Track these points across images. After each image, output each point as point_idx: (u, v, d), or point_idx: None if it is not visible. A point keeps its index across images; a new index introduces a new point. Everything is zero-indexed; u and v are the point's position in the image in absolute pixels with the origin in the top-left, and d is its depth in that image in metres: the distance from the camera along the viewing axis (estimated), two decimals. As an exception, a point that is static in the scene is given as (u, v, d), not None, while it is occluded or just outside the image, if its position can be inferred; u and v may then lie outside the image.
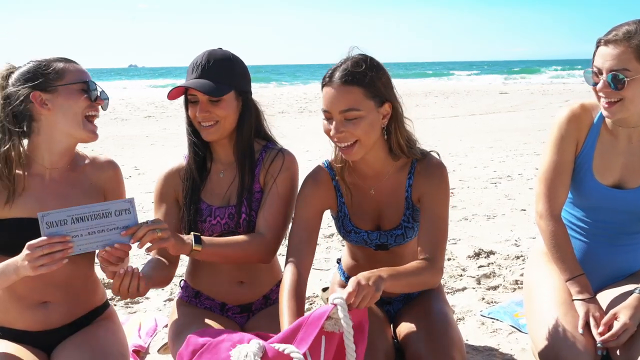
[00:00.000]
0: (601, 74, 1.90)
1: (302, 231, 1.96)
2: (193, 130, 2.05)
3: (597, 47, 1.93)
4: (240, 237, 1.97)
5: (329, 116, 1.87)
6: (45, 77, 1.87)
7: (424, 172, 1.97)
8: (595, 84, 1.93)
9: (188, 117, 2.03)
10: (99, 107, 1.95)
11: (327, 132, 1.89)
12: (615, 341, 1.89)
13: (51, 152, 1.92)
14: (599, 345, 1.91)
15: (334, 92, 1.83)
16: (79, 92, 1.89)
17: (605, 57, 1.88)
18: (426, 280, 1.87)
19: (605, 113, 1.96)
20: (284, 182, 2.03)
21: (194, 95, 1.96)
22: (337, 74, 1.83)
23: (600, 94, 1.92)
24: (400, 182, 2.00)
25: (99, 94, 1.93)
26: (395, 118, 1.91)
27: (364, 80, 1.82)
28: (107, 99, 1.98)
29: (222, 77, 1.95)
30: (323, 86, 1.88)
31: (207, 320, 2.00)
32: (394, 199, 2.02)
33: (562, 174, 2.09)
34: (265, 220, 2.00)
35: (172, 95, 1.96)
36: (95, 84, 1.94)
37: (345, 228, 2.08)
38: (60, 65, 1.89)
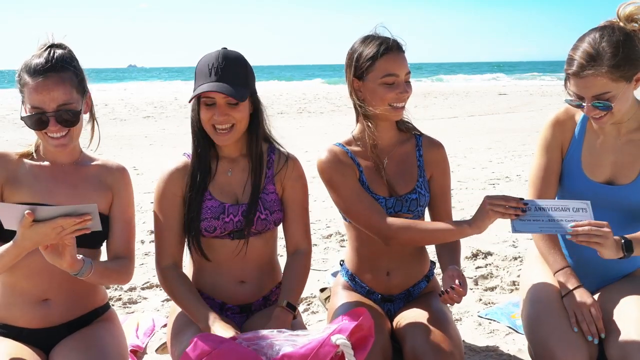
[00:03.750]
0: (583, 99, 1.92)
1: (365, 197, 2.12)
2: (200, 130, 2.02)
3: (568, 78, 1.93)
4: (299, 270, 2.10)
5: (395, 80, 2.07)
6: (19, 82, 1.86)
7: (429, 148, 2.23)
8: (580, 106, 1.94)
9: (198, 118, 2.00)
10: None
11: (387, 96, 2.06)
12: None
13: (47, 149, 1.94)
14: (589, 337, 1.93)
15: (400, 56, 2.09)
16: (30, 114, 1.83)
17: (581, 88, 1.89)
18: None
19: (596, 125, 2.02)
20: (303, 191, 2.14)
21: (211, 98, 1.93)
22: (394, 43, 2.09)
23: (590, 114, 1.95)
24: (409, 151, 2.21)
25: (49, 122, 1.82)
26: None
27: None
28: (67, 125, 1.85)
29: (240, 79, 1.95)
30: (383, 55, 2.05)
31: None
32: (407, 167, 2.19)
33: (549, 175, 2.16)
34: (301, 233, 2.13)
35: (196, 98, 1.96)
36: (47, 116, 1.81)
37: None
38: (26, 77, 1.82)
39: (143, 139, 11.15)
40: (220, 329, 1.83)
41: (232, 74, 1.93)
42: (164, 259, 2.04)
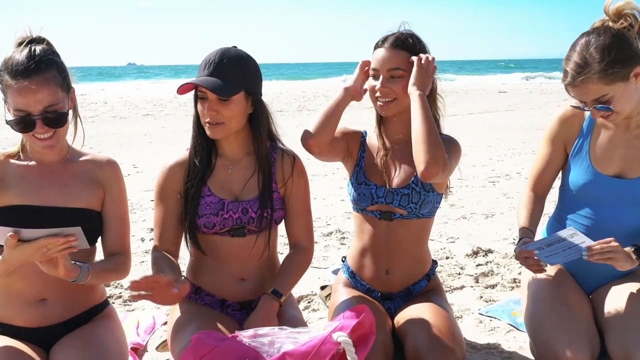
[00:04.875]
0: (586, 104, 1.95)
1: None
2: (199, 124, 2.03)
3: (566, 88, 1.96)
4: (294, 263, 2.10)
5: (376, 74, 2.10)
6: (0, 82, 1.79)
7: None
8: (584, 109, 1.98)
9: (196, 111, 2.02)
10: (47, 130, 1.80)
11: (372, 89, 2.11)
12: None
13: (33, 147, 1.89)
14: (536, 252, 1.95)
15: (385, 53, 2.08)
16: (16, 118, 1.78)
17: (580, 94, 1.92)
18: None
19: (608, 124, 2.04)
20: (305, 188, 2.15)
21: (204, 92, 1.94)
22: (390, 39, 2.10)
23: (595, 116, 1.98)
24: None
25: (35, 124, 1.78)
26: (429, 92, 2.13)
27: (411, 47, 2.09)
28: (54, 126, 1.81)
29: (233, 76, 1.94)
30: (375, 48, 2.12)
31: (207, 318, 2.00)
32: (408, 163, 2.17)
33: (549, 162, 2.22)
34: (303, 231, 2.14)
35: (181, 90, 1.95)
36: (33, 118, 1.77)
37: (357, 180, 2.21)
38: (8, 79, 1.76)
39: (142, 137, 11.13)
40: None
41: (226, 70, 1.93)
42: (159, 246, 2.06)
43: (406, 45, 2.08)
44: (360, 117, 10.52)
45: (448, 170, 2.02)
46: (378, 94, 2.09)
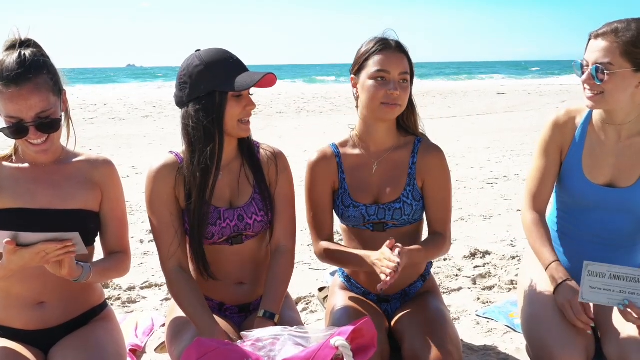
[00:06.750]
0: (588, 66, 1.95)
1: (321, 210, 2.19)
2: (214, 128, 1.90)
3: (589, 40, 1.98)
4: (279, 272, 2.01)
5: (386, 76, 2.03)
6: None
7: (425, 154, 2.14)
8: (581, 71, 1.99)
9: (220, 115, 1.88)
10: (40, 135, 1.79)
11: (378, 93, 2.03)
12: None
13: (26, 151, 1.88)
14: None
15: (396, 55, 2.05)
16: (9, 126, 1.76)
17: (593, 49, 1.94)
18: (440, 251, 2.14)
19: (587, 103, 2.02)
20: (289, 184, 2.08)
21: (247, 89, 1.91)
22: (393, 42, 2.08)
23: (585, 85, 1.98)
24: (403, 157, 2.15)
25: (29, 131, 1.77)
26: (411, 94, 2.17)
27: (408, 53, 2.10)
28: (47, 132, 1.79)
29: None
30: (378, 51, 2.06)
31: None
32: (396, 174, 2.14)
33: (546, 177, 2.17)
34: (284, 229, 2.06)
35: (266, 83, 1.91)
36: (25, 125, 1.75)
37: (344, 204, 2.15)
38: None
39: (142, 138, 11.13)
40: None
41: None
42: (168, 261, 1.97)
43: (405, 50, 2.09)
44: (359, 119, 10.51)
45: None
46: (390, 98, 2.01)
